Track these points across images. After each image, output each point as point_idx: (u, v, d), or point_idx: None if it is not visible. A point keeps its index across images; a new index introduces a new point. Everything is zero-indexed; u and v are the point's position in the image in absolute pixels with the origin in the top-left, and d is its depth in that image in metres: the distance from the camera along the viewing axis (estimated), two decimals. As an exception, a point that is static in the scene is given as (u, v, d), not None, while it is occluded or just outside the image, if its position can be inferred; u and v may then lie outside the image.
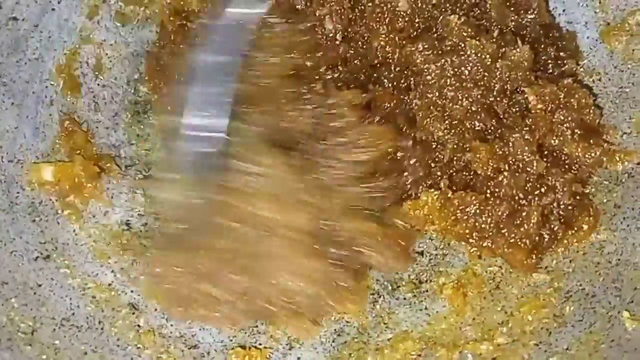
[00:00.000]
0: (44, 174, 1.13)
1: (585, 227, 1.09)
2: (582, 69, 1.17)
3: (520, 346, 1.06)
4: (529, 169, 1.07)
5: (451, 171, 1.11)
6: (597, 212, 1.10)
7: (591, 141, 1.10)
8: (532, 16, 1.16)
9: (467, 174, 1.11)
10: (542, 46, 1.15)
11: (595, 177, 1.12)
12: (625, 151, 1.11)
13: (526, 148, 1.07)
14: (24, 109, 1.15)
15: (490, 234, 1.07)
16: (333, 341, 1.11)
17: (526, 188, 1.07)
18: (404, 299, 1.13)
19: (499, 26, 1.14)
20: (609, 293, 1.05)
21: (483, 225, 1.07)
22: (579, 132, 1.10)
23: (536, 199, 1.07)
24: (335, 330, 1.12)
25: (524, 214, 1.06)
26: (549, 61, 1.15)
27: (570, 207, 1.09)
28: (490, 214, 1.07)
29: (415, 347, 1.08)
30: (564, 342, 1.04)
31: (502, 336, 1.07)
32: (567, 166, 1.11)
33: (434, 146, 1.11)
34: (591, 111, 1.11)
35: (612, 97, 1.15)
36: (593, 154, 1.10)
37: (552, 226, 1.08)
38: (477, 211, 1.07)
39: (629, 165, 1.11)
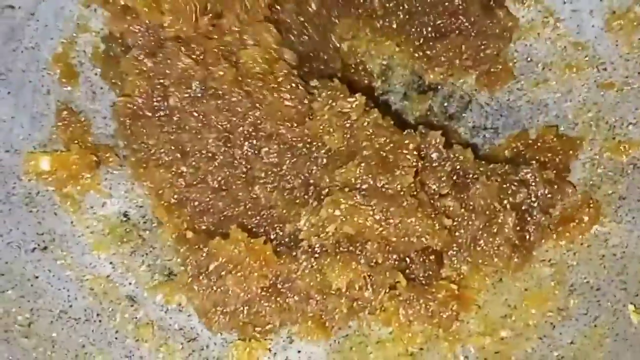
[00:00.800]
0: (40, 163, 1.12)
1: (586, 218, 1.08)
2: (586, 58, 1.16)
3: (523, 340, 1.05)
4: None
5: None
6: (597, 203, 1.08)
7: None
8: None
9: None
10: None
11: (600, 169, 1.11)
12: (631, 142, 1.10)
13: None
14: (21, 99, 1.13)
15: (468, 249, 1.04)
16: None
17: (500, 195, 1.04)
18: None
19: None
20: (614, 286, 1.03)
21: (460, 240, 1.04)
22: None
23: (510, 198, 1.04)
24: (336, 322, 1.10)
25: (499, 220, 1.03)
26: None
27: (549, 195, 1.06)
28: (466, 229, 1.03)
29: (417, 340, 1.07)
30: (568, 336, 1.03)
31: (505, 330, 1.06)
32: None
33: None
34: None
35: (617, 86, 1.13)
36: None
37: (534, 219, 1.05)
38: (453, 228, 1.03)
39: (635, 156, 1.09)
